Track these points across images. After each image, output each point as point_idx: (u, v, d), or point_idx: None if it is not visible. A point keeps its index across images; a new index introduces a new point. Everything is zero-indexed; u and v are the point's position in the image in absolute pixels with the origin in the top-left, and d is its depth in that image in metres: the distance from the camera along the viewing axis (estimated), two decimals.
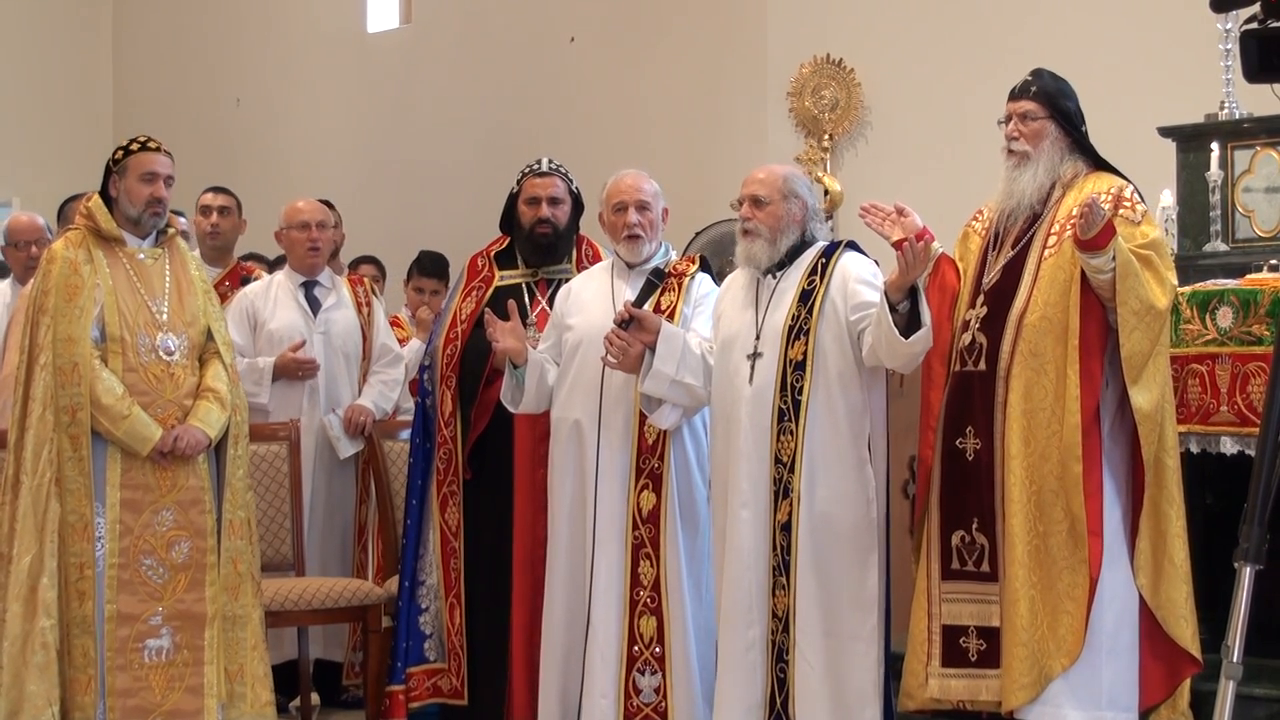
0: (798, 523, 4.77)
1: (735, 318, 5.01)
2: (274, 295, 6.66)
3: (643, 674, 5.13)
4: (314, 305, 6.67)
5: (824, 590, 4.78)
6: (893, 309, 4.60)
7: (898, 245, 4.59)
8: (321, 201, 7.04)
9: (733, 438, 4.89)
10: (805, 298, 4.88)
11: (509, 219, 5.80)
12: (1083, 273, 4.58)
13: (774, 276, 4.97)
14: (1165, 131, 6.00)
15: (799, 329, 4.85)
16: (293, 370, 6.51)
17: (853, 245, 5.00)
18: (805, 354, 4.82)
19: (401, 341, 7.05)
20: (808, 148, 8.94)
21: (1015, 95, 4.85)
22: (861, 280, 4.84)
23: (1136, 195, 4.71)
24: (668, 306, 5.22)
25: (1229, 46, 5.87)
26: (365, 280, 7.03)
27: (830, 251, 4.94)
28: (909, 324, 4.61)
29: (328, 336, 6.63)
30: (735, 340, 4.96)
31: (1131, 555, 4.63)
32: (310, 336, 6.59)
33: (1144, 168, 5.29)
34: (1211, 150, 5.73)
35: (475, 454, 5.65)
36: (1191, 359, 5.08)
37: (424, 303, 7.36)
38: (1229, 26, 5.83)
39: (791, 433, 4.80)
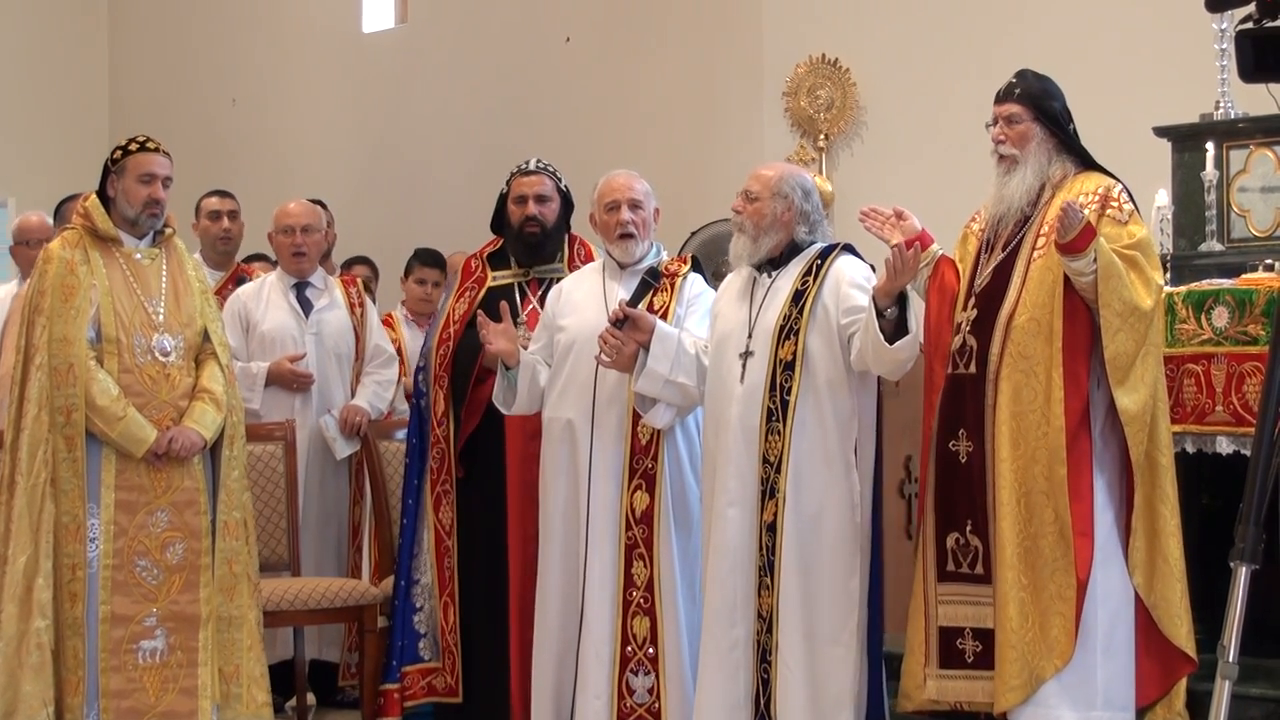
0: (783, 524, 4.76)
1: (731, 315, 4.99)
2: (266, 296, 6.66)
3: (636, 674, 5.12)
4: (306, 306, 6.66)
5: (806, 592, 4.76)
6: (880, 315, 4.59)
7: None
8: (314, 201, 7.03)
9: (723, 436, 4.88)
10: (797, 298, 4.86)
11: (499, 220, 5.81)
12: (1066, 275, 4.57)
13: (769, 275, 4.96)
14: (1160, 131, 6.00)
15: (789, 329, 4.83)
16: (288, 380, 6.51)
17: (849, 248, 4.98)
18: (794, 355, 4.80)
19: (394, 342, 7.03)
20: (799, 147, 8.92)
21: (999, 98, 4.82)
22: (854, 284, 4.81)
23: (1125, 194, 4.67)
24: (661, 306, 5.21)
25: (1224, 46, 5.87)
26: (358, 281, 7.02)
27: (826, 253, 4.92)
28: (896, 330, 4.59)
29: (320, 337, 6.63)
30: (729, 338, 4.95)
31: (1126, 554, 4.63)
32: (302, 337, 6.58)
33: (1139, 167, 5.29)
34: (1207, 150, 5.72)
35: (467, 452, 5.65)
36: (1187, 359, 5.08)
37: (426, 295, 7.34)
38: (1224, 26, 5.83)
39: (779, 433, 4.79)
